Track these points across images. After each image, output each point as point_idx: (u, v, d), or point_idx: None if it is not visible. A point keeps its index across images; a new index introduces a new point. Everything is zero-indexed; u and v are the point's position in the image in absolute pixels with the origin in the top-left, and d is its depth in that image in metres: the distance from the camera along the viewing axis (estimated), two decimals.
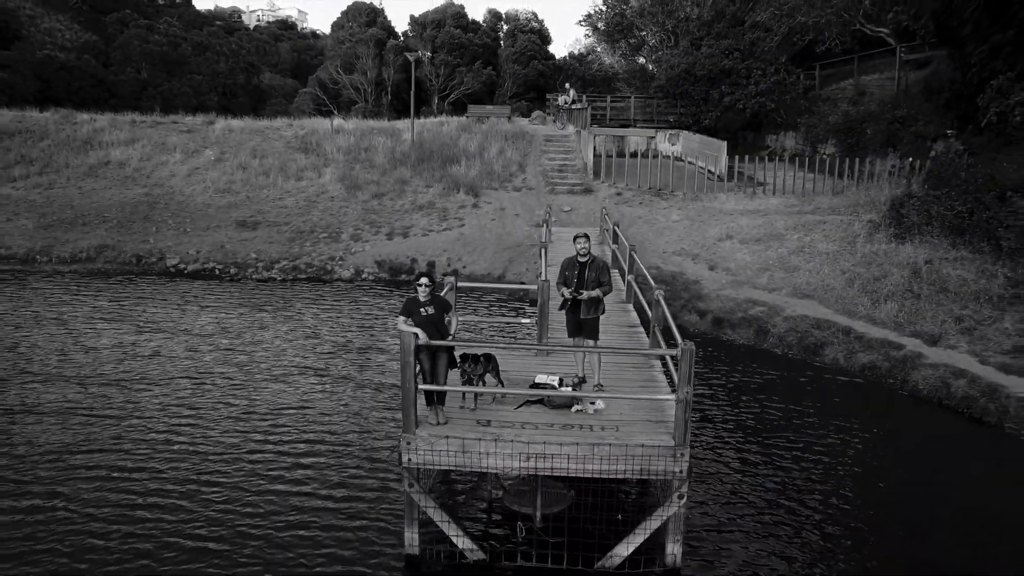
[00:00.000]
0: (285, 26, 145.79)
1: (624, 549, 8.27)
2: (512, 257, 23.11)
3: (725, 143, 28.97)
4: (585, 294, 9.26)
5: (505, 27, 58.98)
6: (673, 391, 8.46)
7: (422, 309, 8.16)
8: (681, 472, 8.00)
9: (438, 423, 8.35)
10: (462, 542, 8.47)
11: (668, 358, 9.42)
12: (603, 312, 9.53)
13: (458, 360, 8.61)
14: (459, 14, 55.88)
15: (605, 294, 9.41)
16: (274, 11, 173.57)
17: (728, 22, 36.30)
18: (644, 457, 8.00)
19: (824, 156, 28.95)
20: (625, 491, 10.12)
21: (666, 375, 9.86)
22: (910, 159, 24.29)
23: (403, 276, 22.85)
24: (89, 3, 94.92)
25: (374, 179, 28.30)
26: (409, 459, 8.18)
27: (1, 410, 12.45)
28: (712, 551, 8.87)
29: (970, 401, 12.97)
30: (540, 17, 59.65)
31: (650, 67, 46.42)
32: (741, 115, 32.50)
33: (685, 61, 34.11)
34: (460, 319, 10.80)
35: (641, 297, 12.67)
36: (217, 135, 32.28)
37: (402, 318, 8.12)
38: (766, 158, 29.15)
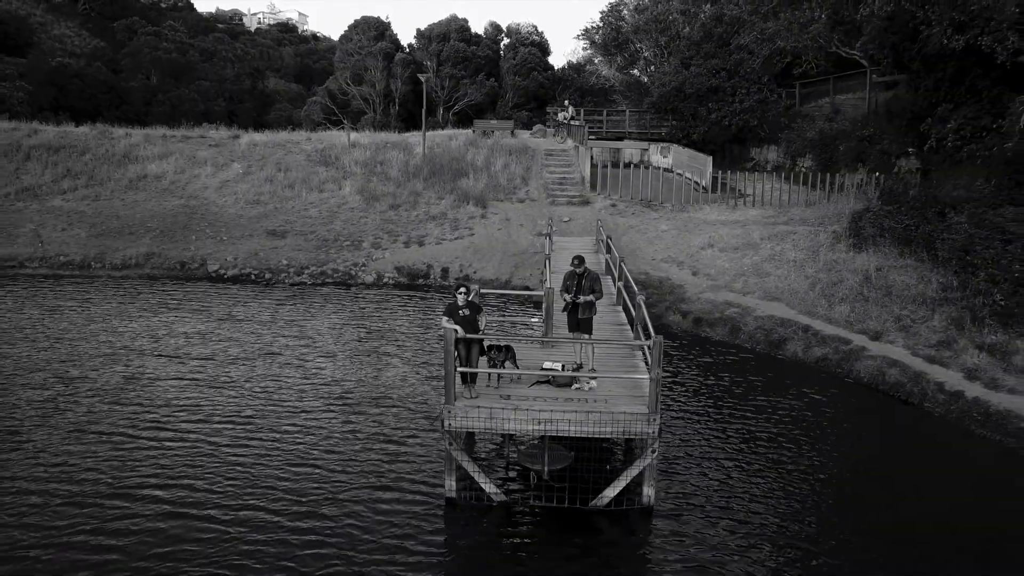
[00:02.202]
0: (286, 29, 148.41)
1: (611, 491, 11.01)
2: (517, 263, 25.85)
3: (711, 157, 31.75)
4: (582, 298, 12.03)
5: (506, 40, 61.66)
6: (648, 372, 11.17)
7: (460, 311, 10.91)
8: (654, 432, 10.71)
9: (471, 397, 11.09)
10: (489, 488, 11.20)
11: (645, 348, 12.14)
12: (595, 313, 12.29)
13: (486, 349, 11.36)
14: (463, 28, 58.56)
15: (597, 299, 12.17)
16: (275, 14, 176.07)
17: (716, 43, 38.93)
18: (626, 421, 10.72)
19: (801, 169, 31.75)
20: (612, 448, 12.89)
21: (645, 361, 12.57)
22: (876, 174, 27.06)
23: (420, 281, 25.62)
24: (97, 10, 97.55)
25: (390, 191, 31.01)
26: (449, 424, 10.89)
27: (122, 377, 16.06)
28: (679, 492, 11.60)
29: (899, 386, 15.75)
30: (540, 29, 62.38)
31: (645, 79, 49.15)
32: (727, 130, 35.19)
33: (676, 79, 36.78)
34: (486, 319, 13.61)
35: (628, 301, 15.38)
36: (243, 149, 34.93)
37: (445, 318, 10.87)
38: (747, 171, 31.89)
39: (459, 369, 10.93)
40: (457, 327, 10.70)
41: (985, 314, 16.07)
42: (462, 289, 11.05)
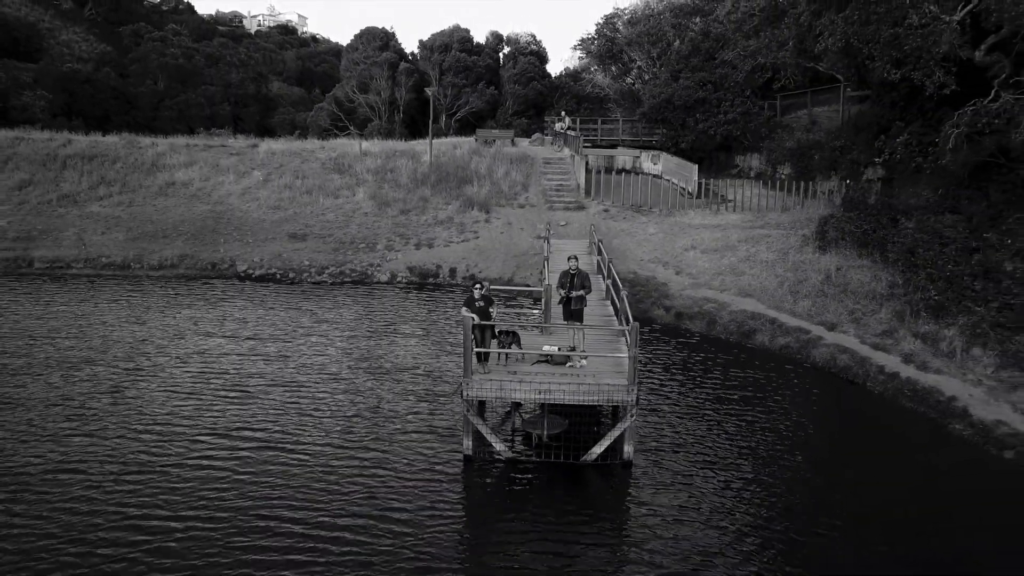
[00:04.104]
0: (286, 31, 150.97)
1: (598, 448, 13.60)
2: (519, 264, 28.46)
3: (696, 166, 34.47)
4: (574, 293, 14.65)
5: (507, 49, 64.23)
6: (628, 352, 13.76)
7: (476, 303, 13.52)
8: (632, 400, 13.29)
9: (484, 372, 13.68)
10: (499, 446, 13.80)
11: (626, 333, 14.74)
12: (586, 305, 14.90)
13: (497, 334, 13.96)
14: (465, 38, 61.13)
15: (587, 294, 14.79)
16: (274, 16, 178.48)
17: (703, 57, 41.57)
18: (609, 391, 13.31)
19: (781, 176, 34.40)
20: (600, 415, 15.51)
21: (627, 344, 15.16)
22: (847, 181, 29.68)
23: (430, 280, 28.22)
24: (103, 15, 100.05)
25: (400, 197, 33.59)
26: (467, 394, 13.47)
27: (192, 351, 19.38)
28: (654, 449, 14.21)
29: (847, 369, 18.38)
30: (539, 39, 64.93)
31: (637, 86, 51.78)
32: (713, 139, 37.83)
33: (665, 91, 39.42)
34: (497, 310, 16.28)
35: (615, 295, 17.97)
36: (262, 158, 37.49)
37: (464, 308, 13.48)
38: (732, 177, 34.50)
39: (475, 349, 13.51)
40: (474, 315, 13.30)
41: (920, 307, 18.69)
42: (478, 285, 13.68)
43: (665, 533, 11.50)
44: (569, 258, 14.96)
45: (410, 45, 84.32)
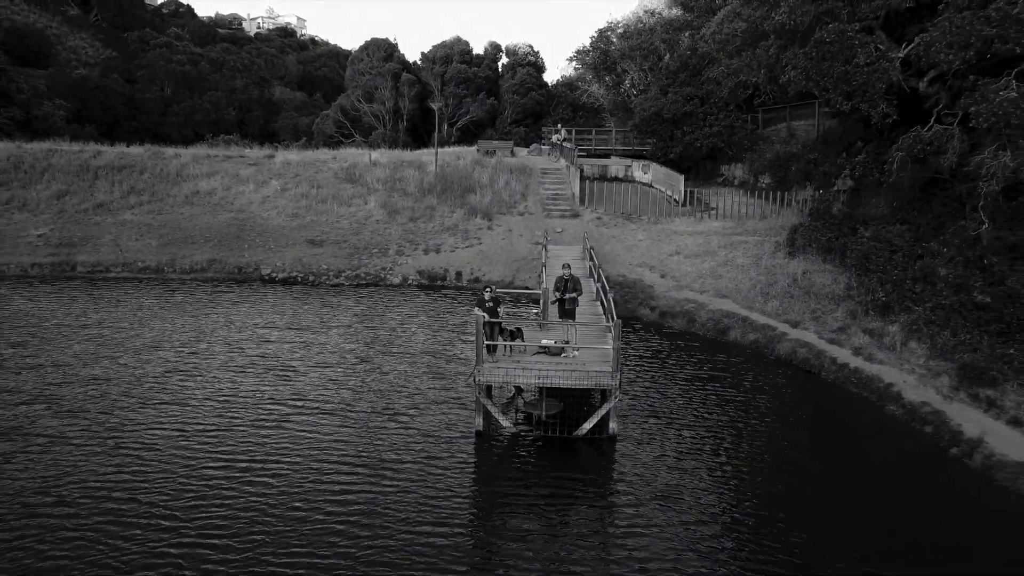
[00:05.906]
0: (285, 33, 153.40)
1: (587, 425, 16.35)
2: (519, 268, 31.21)
3: (683, 176, 37.23)
4: (568, 295, 17.40)
5: (505, 59, 67.04)
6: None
7: (486, 304, 16.26)
8: (615, 384, 16.02)
9: (493, 361, 16.41)
10: (505, 423, 16.54)
11: (611, 328, 17.49)
12: (578, 305, 17.67)
13: (503, 330, 16.69)
14: (465, 50, 63.91)
15: (579, 296, 17.55)
16: (273, 18, 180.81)
17: (690, 72, 44.35)
18: (597, 376, 16.05)
19: (762, 186, 37.18)
20: (590, 398, 18.25)
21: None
22: (819, 191, 32.45)
23: (438, 282, 30.94)
24: (108, 20, 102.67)
25: (408, 205, 36.31)
26: (479, 379, 16.19)
27: (246, 341, 21.42)
28: (635, 426, 16.96)
29: (806, 361, 21.15)
30: (536, 49, 67.74)
31: (633, 92, 54.51)
32: (699, 150, 40.62)
33: (655, 105, 42.18)
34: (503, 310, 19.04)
35: (604, 297, 20.72)
36: (278, 168, 40.17)
37: (477, 308, 16.22)
38: (717, 185, 37.21)
39: (485, 342, 16.24)
40: (484, 314, 16.04)
41: (870, 307, 21.46)
42: (487, 289, 16.45)
43: (641, 476, 14.35)
44: (564, 265, 17.74)
45: (412, 54, 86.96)
